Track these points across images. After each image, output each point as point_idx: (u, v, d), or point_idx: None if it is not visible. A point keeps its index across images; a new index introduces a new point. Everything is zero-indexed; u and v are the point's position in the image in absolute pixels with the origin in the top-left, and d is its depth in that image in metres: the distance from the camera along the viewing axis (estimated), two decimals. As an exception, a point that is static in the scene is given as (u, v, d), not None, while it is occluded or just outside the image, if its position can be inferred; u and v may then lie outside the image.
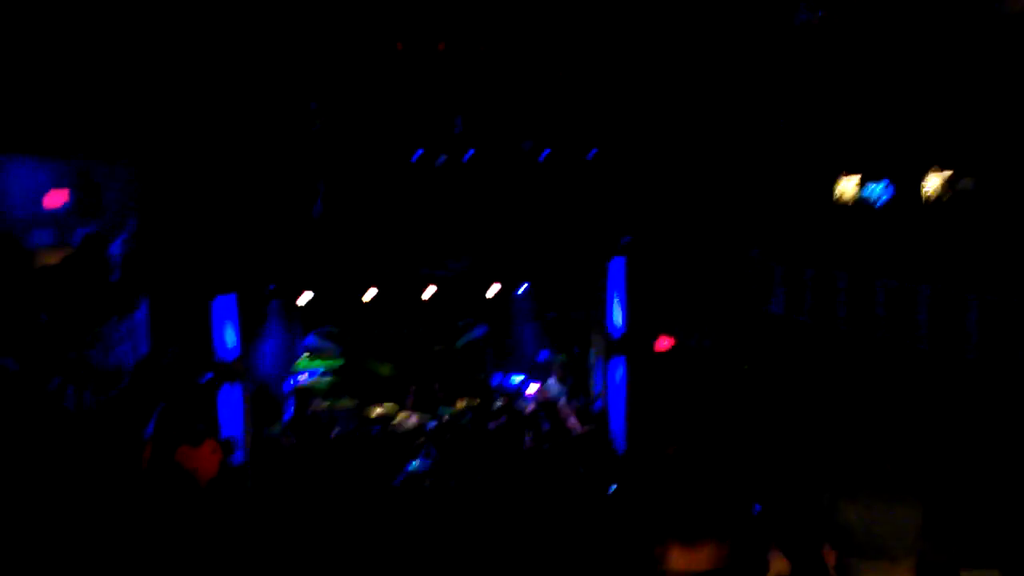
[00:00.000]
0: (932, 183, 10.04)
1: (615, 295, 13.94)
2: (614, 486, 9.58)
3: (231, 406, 12.01)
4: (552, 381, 13.58)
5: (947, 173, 10.06)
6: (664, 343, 13.75)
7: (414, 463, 11.53)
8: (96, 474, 6.84)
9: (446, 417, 12.76)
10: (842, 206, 10.89)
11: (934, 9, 8.91)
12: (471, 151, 12.68)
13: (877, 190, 10.56)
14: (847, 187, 10.88)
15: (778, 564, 2.21)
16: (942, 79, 9.54)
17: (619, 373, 14.06)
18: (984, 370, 8.15)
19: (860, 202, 10.74)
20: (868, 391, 9.34)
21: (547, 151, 12.92)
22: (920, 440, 8.25)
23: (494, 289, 15.58)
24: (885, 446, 7.94)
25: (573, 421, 12.31)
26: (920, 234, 10.11)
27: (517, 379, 14.71)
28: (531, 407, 12.48)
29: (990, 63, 8.94)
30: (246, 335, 12.27)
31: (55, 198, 10.43)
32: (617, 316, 13.98)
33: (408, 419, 12.63)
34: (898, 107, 10.14)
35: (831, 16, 9.19)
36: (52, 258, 8.77)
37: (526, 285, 15.83)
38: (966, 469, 7.63)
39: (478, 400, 13.20)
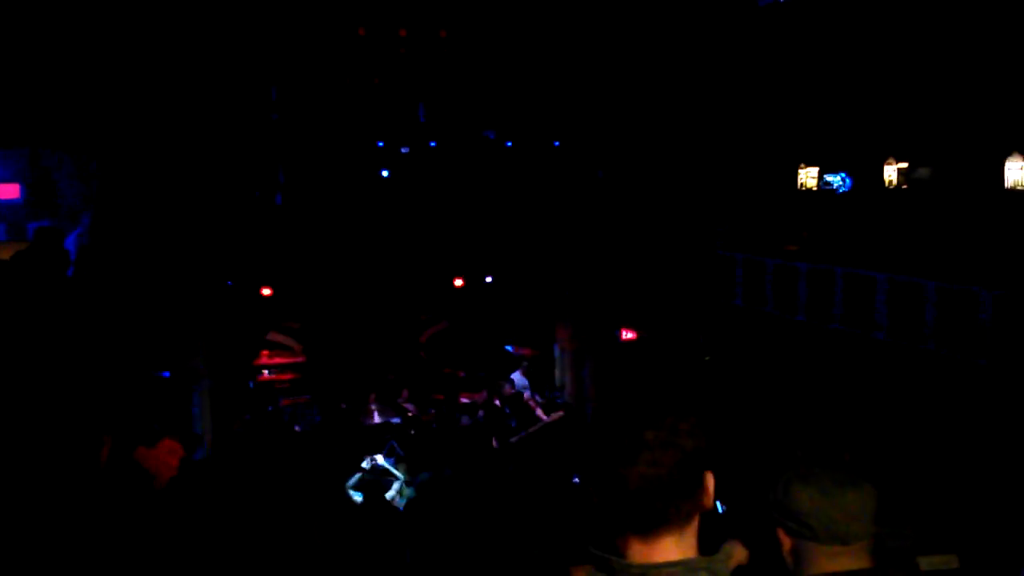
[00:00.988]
0: (889, 173, 10.18)
1: (578, 288, 13.98)
2: (576, 477, 9.58)
3: (192, 404, 11.84)
4: (517, 375, 13.56)
5: (903, 164, 10.21)
6: (628, 335, 13.81)
7: (378, 459, 11.44)
8: (53, 475, 6.67)
9: (410, 414, 12.67)
10: (802, 196, 11.00)
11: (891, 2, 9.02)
12: (434, 142, 12.60)
13: (836, 180, 10.68)
14: (807, 178, 10.99)
15: (737, 553, 2.20)
16: (900, 70, 9.67)
17: (585, 366, 14.11)
18: (939, 359, 8.27)
19: (820, 192, 10.86)
20: (827, 380, 9.44)
21: (510, 142, 12.89)
22: (879, 427, 8.35)
23: (459, 282, 15.51)
24: (843, 434, 8.03)
25: (539, 413, 12.30)
26: (878, 223, 10.24)
27: (482, 373, 14.67)
28: (497, 401, 12.44)
29: (945, 52, 9.07)
30: (205, 331, 12.09)
31: (7, 191, 10.18)
32: (580, 309, 14.02)
33: (372, 416, 12.52)
34: (856, 98, 10.25)
35: (792, 2, 9.26)
36: (4, 253, 8.54)
37: (490, 278, 15.79)
38: (924, 455, 7.74)
39: (443, 395, 13.14)
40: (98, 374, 8.76)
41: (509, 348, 15.52)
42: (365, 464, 10.68)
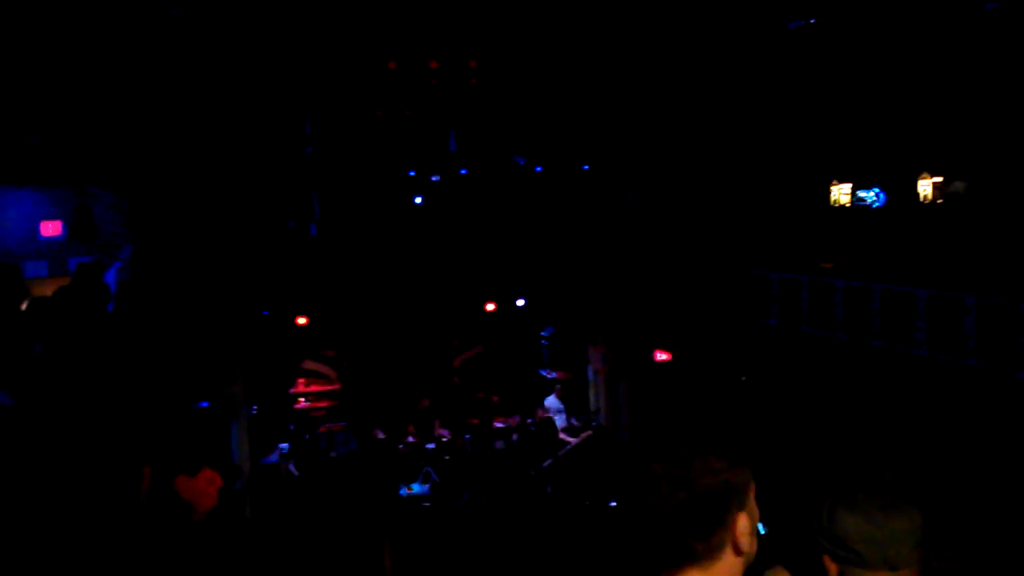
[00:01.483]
0: (924, 187, 10.07)
1: (611, 310, 13.94)
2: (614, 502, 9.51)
3: (230, 434, 11.96)
4: (551, 398, 13.53)
5: (937, 178, 10.09)
6: (662, 357, 13.73)
7: (415, 486, 11.46)
8: (94, 506, 6.77)
9: (444, 439, 12.68)
10: (836, 213, 10.91)
11: (922, 16, 8.96)
12: (465, 170, 12.70)
13: (869, 196, 10.58)
14: (840, 195, 10.90)
15: (780, 578, 2.18)
16: (930, 85, 9.59)
17: (619, 388, 14.03)
18: (981, 374, 8.12)
19: (854, 208, 10.76)
20: (868, 399, 9.30)
21: (540, 167, 12.93)
22: (921, 446, 8.21)
23: (491, 306, 15.55)
24: (886, 454, 7.90)
25: (564, 436, 12.27)
26: (915, 238, 10.12)
27: (515, 397, 14.65)
28: (530, 425, 12.42)
29: (978, 67, 8.99)
30: (243, 361, 12.23)
31: (50, 228, 10.43)
32: (614, 331, 13.97)
33: (407, 440, 12.56)
34: (888, 113, 10.17)
35: (821, 23, 9.25)
36: (47, 289, 8.73)
37: (523, 302, 15.81)
38: (968, 473, 7.59)
39: (477, 420, 13.14)
40: (139, 405, 8.89)
41: (543, 372, 15.49)
42: (402, 492, 10.69)
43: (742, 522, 1.49)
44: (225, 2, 9.15)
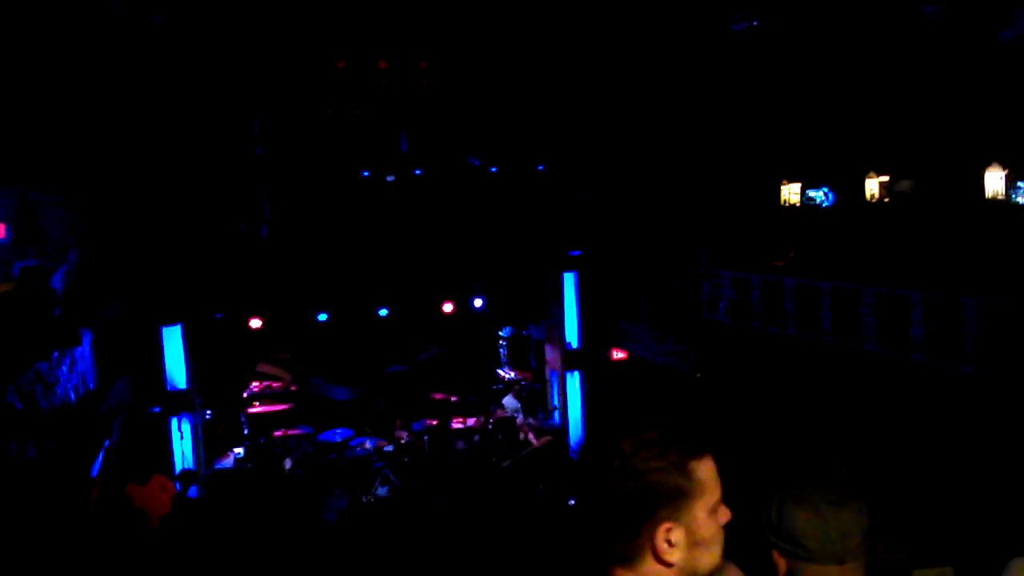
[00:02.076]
0: (871, 187, 10.30)
1: (568, 309, 14.00)
2: (573, 500, 9.56)
3: (183, 439, 11.75)
4: (509, 398, 13.54)
5: (884, 177, 10.32)
6: (619, 355, 13.84)
7: (376, 489, 11.39)
8: (44, 519, 6.61)
9: (403, 441, 12.61)
10: (786, 212, 11.10)
11: (865, 18, 9.15)
12: (419, 170, 12.64)
13: (819, 196, 10.79)
14: (790, 194, 11.10)
15: (731, 574, 2.21)
16: (876, 86, 9.80)
17: (575, 387, 14.10)
18: (927, 369, 8.33)
19: (804, 208, 10.96)
20: (820, 394, 9.48)
21: (495, 168, 12.94)
22: (873, 440, 8.38)
23: (448, 307, 15.51)
24: (839, 448, 8.05)
25: (531, 437, 12.28)
26: (863, 236, 10.34)
27: (473, 398, 14.64)
28: (489, 425, 12.41)
29: (920, 70, 9.21)
30: (196, 365, 12.04)
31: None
32: (571, 330, 14.03)
33: (364, 445, 12.46)
34: (836, 114, 10.38)
35: (764, 25, 9.40)
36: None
37: (480, 302, 15.80)
38: (918, 467, 7.77)
39: (436, 421, 13.08)
40: (86, 413, 8.71)
41: (502, 372, 15.51)
42: (364, 499, 10.59)
43: (666, 532, 1.46)
44: (171, 2, 8.98)
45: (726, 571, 2.17)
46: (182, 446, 11.70)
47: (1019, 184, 9.24)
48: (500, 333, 15.84)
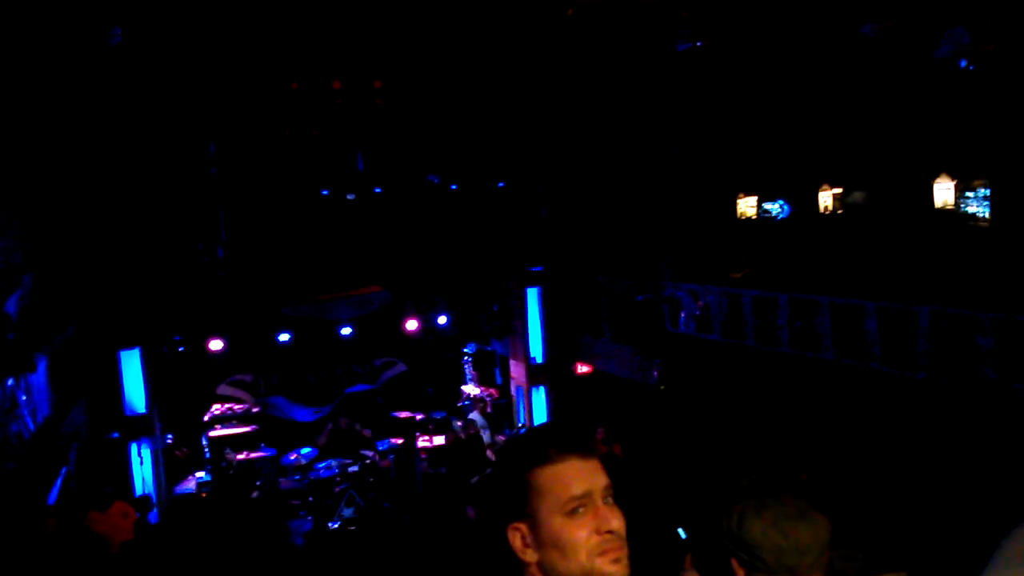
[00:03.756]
0: (825, 199, 10.51)
1: (532, 324, 14.06)
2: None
3: (142, 464, 11.56)
4: (475, 414, 13.54)
5: (837, 189, 10.54)
6: (583, 369, 13.92)
7: (345, 511, 11.29)
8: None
9: (368, 461, 12.52)
10: (743, 225, 11.27)
11: (810, 36, 9.37)
12: (379, 188, 12.63)
13: (774, 208, 10.97)
14: (746, 207, 11.28)
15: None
16: (824, 100, 10.02)
17: (541, 402, 14.14)
18: (883, 376, 8.49)
19: (759, 220, 11.14)
20: (780, 403, 9.61)
21: (455, 185, 12.98)
22: (833, 447, 8.52)
23: (412, 325, 15.47)
24: (799, 456, 8.17)
25: (490, 454, 12.29)
26: (817, 247, 10.53)
27: (440, 415, 14.60)
28: (456, 442, 12.38)
29: (870, 82, 9.44)
30: (154, 389, 11.86)
31: (-60, 257, 9.90)
32: (535, 345, 14.08)
33: (328, 465, 12.34)
34: (788, 128, 10.58)
35: (708, 46, 9.57)
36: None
37: (445, 319, 15.79)
38: (875, 475, 7.92)
39: (401, 440, 13.02)
40: (43, 439, 8.53)
41: (466, 388, 15.49)
42: (332, 524, 10.47)
43: (510, 531, 1.51)
44: (125, 23, 8.90)
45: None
46: (142, 471, 11.50)
47: (967, 194, 9.49)
48: (465, 349, 15.82)
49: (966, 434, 7.35)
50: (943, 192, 9.67)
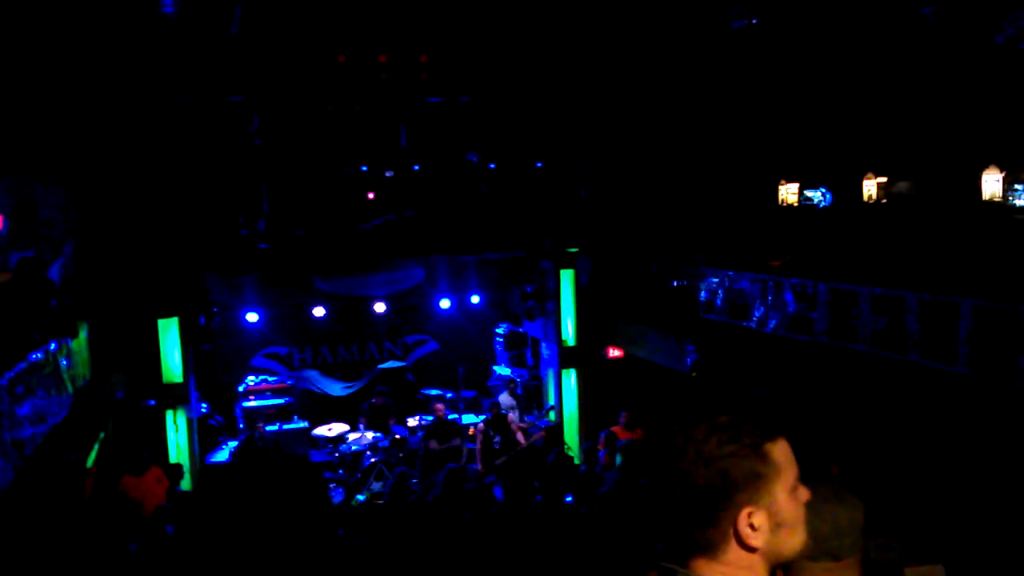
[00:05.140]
0: (869, 187, 10.30)
1: (565, 307, 14.02)
2: (570, 497, 9.57)
3: (177, 432, 11.76)
4: (504, 395, 13.56)
5: (882, 179, 10.33)
6: (615, 353, 13.85)
7: (374, 486, 11.40)
8: (38, 511, 6.61)
9: (398, 436, 12.62)
10: (784, 212, 11.10)
11: (864, 17, 9.17)
12: (417, 165, 12.63)
13: (816, 196, 10.79)
14: (788, 194, 11.09)
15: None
16: (875, 86, 9.81)
17: (571, 385, 14.12)
18: (923, 370, 8.35)
19: (801, 208, 10.96)
20: (815, 393, 9.50)
21: (493, 164, 12.94)
22: (867, 439, 8.41)
23: (446, 303, 15.53)
24: (831, 446, 8.08)
25: (519, 437, 12.29)
26: (859, 237, 10.35)
27: (470, 395, 14.66)
28: (482, 424, 12.41)
29: (919, 68, 9.22)
30: (191, 359, 12.04)
31: (-12, 222, 10.11)
32: (568, 328, 14.05)
33: (359, 439, 12.47)
34: (834, 114, 10.38)
35: (764, 23, 9.39)
36: (-14, 284, 8.47)
37: (479, 299, 15.82)
38: (910, 468, 7.80)
39: (432, 417, 13.09)
40: (83, 402, 8.70)
41: (496, 368, 15.52)
42: (359, 497, 10.57)
43: (748, 517, 1.46)
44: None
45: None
46: (177, 438, 11.70)
47: (1016, 186, 9.24)
48: (497, 330, 15.85)
49: (1005, 431, 7.20)
50: (991, 184, 9.43)
